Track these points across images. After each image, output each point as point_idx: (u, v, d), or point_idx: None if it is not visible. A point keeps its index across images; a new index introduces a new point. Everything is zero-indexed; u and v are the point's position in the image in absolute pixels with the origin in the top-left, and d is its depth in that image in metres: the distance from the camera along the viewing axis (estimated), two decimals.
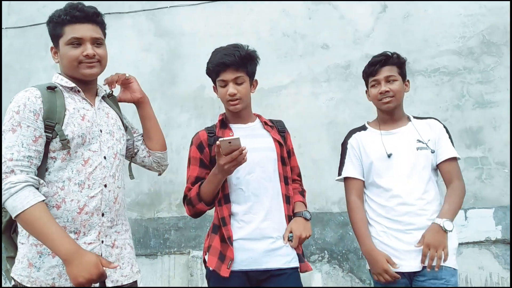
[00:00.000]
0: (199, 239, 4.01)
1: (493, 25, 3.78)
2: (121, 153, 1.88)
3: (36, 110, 1.65)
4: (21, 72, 4.56)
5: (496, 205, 3.56)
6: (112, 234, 1.79)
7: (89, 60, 1.76)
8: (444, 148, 2.18)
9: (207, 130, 2.14)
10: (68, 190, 1.67)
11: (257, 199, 2.00)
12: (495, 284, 3.50)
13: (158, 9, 4.41)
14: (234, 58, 1.99)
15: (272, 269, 1.96)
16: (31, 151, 1.61)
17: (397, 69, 2.22)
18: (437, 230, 2.01)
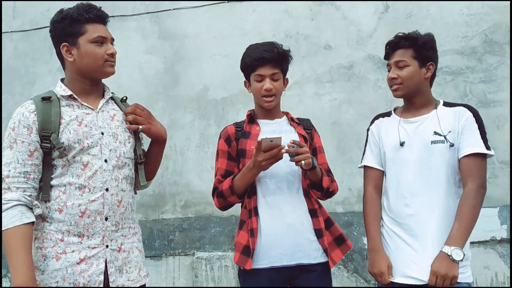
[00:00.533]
0: (203, 240, 4.02)
1: (496, 24, 3.77)
2: (126, 156, 1.85)
3: (30, 124, 1.69)
4: (26, 76, 4.58)
5: (501, 204, 3.55)
6: (118, 238, 1.79)
7: (112, 59, 1.83)
8: (467, 142, 1.89)
9: (235, 125, 2.19)
10: (69, 194, 1.69)
11: (282, 193, 2.03)
12: (500, 284, 3.49)
13: (162, 11, 4.42)
14: (273, 54, 2.03)
15: (304, 264, 1.98)
16: (27, 166, 1.67)
17: (412, 52, 1.97)
18: (445, 258, 1.79)
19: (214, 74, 4.24)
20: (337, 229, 2.10)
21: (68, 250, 1.68)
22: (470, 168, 1.87)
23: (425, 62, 1.99)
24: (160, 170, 4.12)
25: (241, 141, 2.13)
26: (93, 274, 1.70)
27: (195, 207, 4.10)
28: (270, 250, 1.97)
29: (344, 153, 3.91)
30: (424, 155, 1.94)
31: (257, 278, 1.98)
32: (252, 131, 2.14)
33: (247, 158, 2.08)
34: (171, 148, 4.21)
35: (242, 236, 2.03)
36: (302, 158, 1.88)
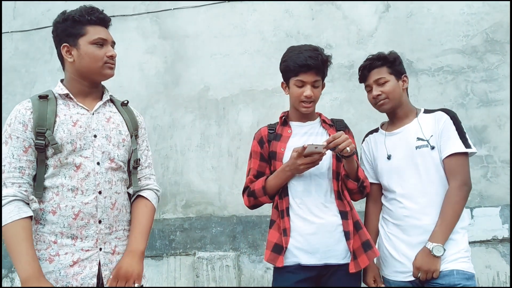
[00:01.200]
0: (204, 240, 4.01)
1: (497, 23, 3.76)
2: (120, 159, 1.83)
3: (25, 121, 1.70)
4: (27, 76, 4.58)
5: (502, 203, 3.55)
6: (111, 241, 1.78)
7: (112, 61, 1.84)
8: (446, 143, 2.03)
9: (268, 127, 2.24)
10: (62, 196, 1.69)
11: (310, 195, 2.06)
12: (502, 283, 3.48)
13: (162, 11, 4.42)
14: (318, 62, 2.04)
15: (331, 264, 2.01)
16: (22, 161, 1.67)
17: (387, 69, 2.15)
18: (427, 254, 1.94)
19: (215, 74, 4.24)
20: (365, 234, 2.09)
21: (61, 252, 1.68)
22: (451, 168, 2.01)
23: (400, 75, 2.18)
24: (161, 170, 4.15)
25: (273, 143, 2.17)
26: (86, 277, 1.69)
27: (196, 207, 4.10)
28: (298, 249, 2.02)
29: None
30: (411, 160, 2.07)
31: (287, 275, 2.03)
32: (283, 134, 2.18)
33: (277, 160, 2.13)
34: (171, 148, 4.21)
35: (273, 234, 2.09)
36: (345, 145, 1.90)
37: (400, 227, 2.08)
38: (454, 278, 1.92)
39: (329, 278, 2.02)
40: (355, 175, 2.08)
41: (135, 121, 1.97)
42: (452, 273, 1.93)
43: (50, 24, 1.87)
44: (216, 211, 3.99)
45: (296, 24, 4.16)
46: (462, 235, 2.01)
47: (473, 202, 3.58)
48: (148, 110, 4.28)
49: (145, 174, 1.98)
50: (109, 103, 1.94)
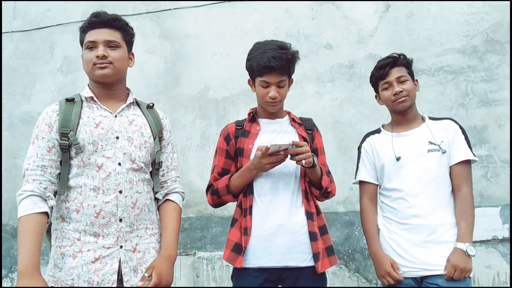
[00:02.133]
0: (204, 240, 4.02)
1: (497, 23, 3.76)
2: (141, 160, 1.88)
3: (51, 122, 1.80)
4: (27, 76, 4.59)
5: (503, 203, 3.55)
6: (133, 239, 1.83)
7: (100, 61, 1.84)
8: (457, 150, 2.13)
9: (236, 123, 2.19)
10: (85, 195, 1.77)
11: (277, 194, 2.02)
12: (502, 283, 3.48)
13: (162, 11, 4.43)
14: (282, 63, 1.98)
15: (291, 267, 1.96)
16: (45, 160, 1.76)
17: (406, 69, 2.22)
18: (461, 254, 1.99)
19: (215, 74, 4.24)
20: (330, 239, 2.09)
21: (84, 249, 1.75)
22: (463, 174, 2.11)
23: (413, 79, 2.26)
24: None
25: (240, 140, 2.12)
26: (107, 273, 1.74)
27: (196, 207, 4.10)
28: (258, 250, 1.97)
29: (345, 152, 3.90)
30: (423, 162, 2.12)
31: (246, 278, 1.97)
32: (252, 131, 2.13)
33: (244, 157, 2.08)
34: None
35: (234, 233, 2.03)
36: (302, 157, 1.89)
37: (405, 226, 2.10)
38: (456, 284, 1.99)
39: (293, 282, 1.96)
40: (318, 184, 2.06)
41: (160, 124, 2.02)
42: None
43: (50, 24, 1.89)
44: (216, 211, 3.99)
45: (296, 24, 4.17)
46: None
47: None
48: None
49: (171, 176, 2.05)
50: (134, 105, 2.00)
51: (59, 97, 4.44)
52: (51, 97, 4.46)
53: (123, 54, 1.93)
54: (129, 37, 2.01)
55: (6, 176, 4.46)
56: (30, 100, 4.51)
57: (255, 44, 2.11)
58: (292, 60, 2.03)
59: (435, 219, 2.06)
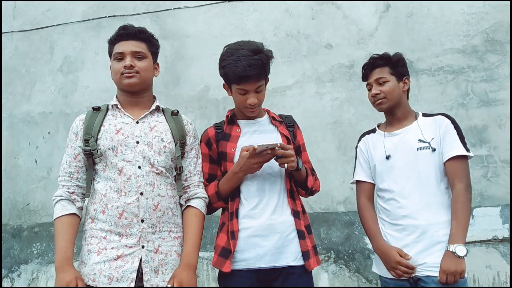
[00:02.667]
0: (204, 240, 3.97)
1: (497, 23, 3.76)
2: (161, 165, 1.95)
3: (77, 131, 1.97)
4: (27, 76, 4.58)
5: (503, 203, 3.55)
6: (155, 240, 1.90)
7: (127, 70, 1.96)
8: (448, 146, 2.07)
9: (215, 127, 2.16)
10: (109, 197, 1.88)
11: (264, 195, 2.01)
12: (502, 283, 3.48)
13: (162, 11, 4.42)
14: (258, 70, 1.93)
15: (281, 267, 1.95)
16: (72, 167, 1.94)
17: (389, 69, 2.19)
18: (451, 256, 1.94)
19: (215, 74, 4.14)
20: (313, 239, 2.09)
21: (108, 246, 1.85)
22: (456, 170, 2.05)
23: (401, 77, 2.21)
24: None
25: (221, 144, 2.10)
26: (127, 270, 1.83)
27: None
28: (247, 252, 1.96)
29: (345, 152, 3.90)
30: (412, 161, 2.10)
31: (236, 280, 1.95)
32: (232, 133, 2.11)
33: (227, 161, 2.06)
34: None
35: (221, 238, 2.03)
36: (286, 161, 1.90)
37: (397, 227, 2.09)
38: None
39: (282, 282, 1.96)
40: (303, 185, 2.07)
41: (183, 130, 2.07)
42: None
43: (50, 24, 1.91)
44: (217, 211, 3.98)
45: (297, 24, 4.16)
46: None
47: (473, 202, 3.55)
48: None
49: (193, 181, 2.07)
50: (158, 112, 2.08)
51: (59, 97, 4.44)
52: (51, 97, 4.46)
53: (149, 64, 2.06)
54: (154, 48, 2.17)
55: (6, 176, 4.46)
56: (30, 100, 4.51)
57: (226, 48, 2.05)
58: (267, 63, 1.99)
59: (426, 219, 2.03)
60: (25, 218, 4.34)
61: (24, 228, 4.32)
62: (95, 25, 4.48)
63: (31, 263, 4.23)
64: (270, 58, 2.02)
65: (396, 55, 2.23)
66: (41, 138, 4.44)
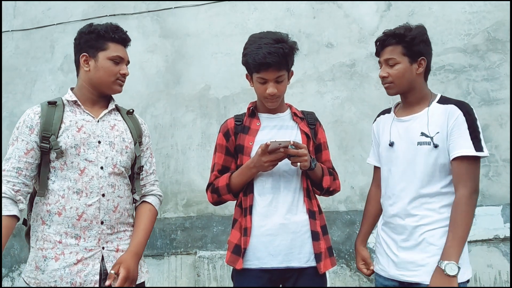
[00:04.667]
0: (205, 239, 4.01)
1: (498, 22, 3.76)
2: (122, 165, 1.91)
3: (32, 125, 1.82)
4: (27, 75, 4.58)
5: (504, 202, 3.54)
6: (114, 240, 1.88)
7: (123, 79, 1.96)
8: (455, 143, 1.79)
9: (235, 118, 2.12)
10: (67, 198, 1.79)
11: (278, 192, 1.96)
12: (504, 282, 3.48)
13: (163, 10, 4.41)
14: (278, 58, 1.87)
15: (294, 267, 1.93)
16: (21, 162, 1.78)
17: (401, 49, 1.90)
18: (440, 274, 1.72)
19: (216, 73, 4.23)
20: (329, 240, 2.05)
21: (66, 251, 1.78)
22: (460, 172, 1.79)
23: (416, 58, 1.92)
24: (162, 169, 4.15)
25: (240, 136, 2.06)
26: (89, 274, 1.78)
27: (197, 206, 4.09)
28: (260, 251, 1.92)
29: (346, 151, 3.90)
30: (410, 156, 1.89)
31: (248, 279, 1.93)
32: (252, 126, 2.06)
33: (244, 154, 2.02)
34: (172, 147, 4.20)
35: (234, 235, 1.99)
36: (298, 160, 1.86)
37: (389, 225, 1.97)
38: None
39: (294, 283, 1.92)
40: (318, 185, 2.03)
41: (139, 129, 2.05)
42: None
43: (50, 23, 1.91)
44: (217, 210, 3.98)
45: (297, 23, 4.16)
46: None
47: None
48: (149, 109, 4.27)
49: (149, 180, 2.07)
50: (114, 111, 2.03)
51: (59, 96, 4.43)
52: (52, 96, 4.45)
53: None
54: None
55: None
56: (30, 99, 4.50)
57: (250, 37, 2.00)
58: (289, 53, 1.92)
59: (414, 220, 1.86)
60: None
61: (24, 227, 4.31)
62: None
63: None
64: (293, 49, 1.96)
65: (415, 30, 1.93)
66: None
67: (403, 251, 1.88)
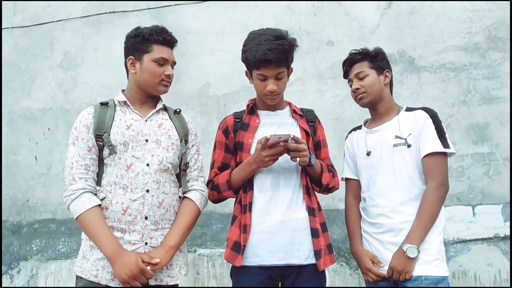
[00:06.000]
0: (205, 237, 4.01)
1: (499, 20, 3.75)
2: (169, 161, 1.97)
3: (88, 124, 1.92)
4: (27, 72, 4.57)
5: (504, 201, 3.54)
6: (158, 237, 1.92)
7: (168, 79, 2.03)
8: (424, 143, 2.01)
9: (234, 115, 2.13)
10: (114, 193, 1.87)
11: (278, 189, 1.97)
12: (504, 281, 3.48)
13: (163, 7, 4.40)
14: (278, 55, 1.89)
15: (293, 265, 1.92)
16: (87, 159, 1.88)
17: (368, 63, 2.16)
18: (401, 255, 1.92)
19: (216, 70, 4.22)
20: (329, 237, 2.05)
21: None
22: (429, 168, 1.99)
23: (382, 70, 2.17)
24: None
25: (239, 133, 2.07)
26: None
27: None
28: (259, 248, 1.93)
29: None
30: (388, 158, 2.07)
31: (247, 276, 1.93)
32: (251, 123, 2.07)
33: (244, 151, 2.03)
34: None
35: (233, 232, 1.99)
36: (298, 155, 1.86)
37: (374, 226, 2.07)
38: (422, 283, 1.91)
39: (294, 280, 1.93)
40: (317, 181, 2.04)
41: (186, 127, 2.12)
42: (421, 278, 1.92)
43: (50, 20, 1.89)
44: (217, 208, 3.98)
45: (298, 20, 4.15)
46: (436, 236, 1.97)
47: (475, 200, 3.58)
48: None
49: (193, 176, 2.12)
50: (162, 111, 2.11)
51: (59, 93, 4.43)
52: (51, 93, 4.45)
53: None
54: None
55: (6, 173, 4.45)
56: (30, 96, 4.50)
57: (250, 34, 2.01)
58: (289, 50, 1.95)
59: (400, 217, 1.99)
60: (24, 215, 4.33)
61: (24, 224, 4.31)
62: (95, 21, 4.45)
63: (31, 259, 4.23)
64: (293, 46, 1.98)
65: (375, 49, 2.21)
66: (41, 135, 4.43)
67: (392, 247, 1.99)
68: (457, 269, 3.53)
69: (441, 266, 1.95)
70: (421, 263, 1.92)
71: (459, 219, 3.55)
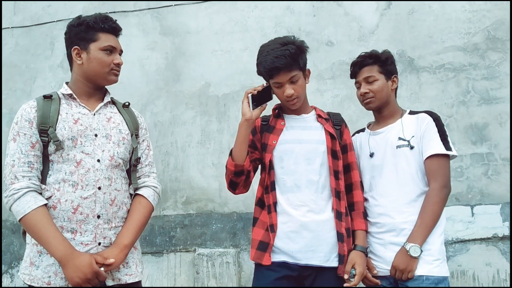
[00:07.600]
0: (204, 237, 4.02)
1: (498, 20, 3.75)
2: (120, 156, 1.89)
3: (30, 118, 1.79)
4: (27, 72, 4.58)
5: (503, 201, 3.54)
6: (111, 236, 1.83)
7: (117, 68, 1.94)
8: (427, 145, 2.04)
9: (262, 118, 2.17)
10: (63, 191, 1.76)
11: (300, 191, 1.98)
12: (502, 281, 3.48)
13: (163, 7, 4.41)
14: (286, 60, 1.93)
15: (313, 266, 1.94)
16: (30, 156, 1.75)
17: (378, 68, 2.17)
18: (404, 254, 1.94)
19: (216, 70, 4.23)
20: (350, 244, 2.04)
21: None
22: (432, 169, 2.02)
23: (390, 75, 2.19)
24: (161, 167, 4.15)
25: (265, 135, 2.11)
26: None
27: (197, 203, 4.09)
28: (281, 248, 1.95)
29: None
30: (391, 159, 2.09)
31: (267, 273, 1.96)
32: (276, 126, 2.11)
33: (267, 152, 2.06)
34: (172, 144, 4.20)
35: (257, 232, 2.01)
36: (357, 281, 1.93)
37: (375, 225, 2.08)
38: (423, 283, 1.93)
39: (313, 281, 1.94)
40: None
41: (136, 121, 2.04)
42: (422, 278, 1.93)
43: (50, 20, 1.90)
44: (216, 208, 3.99)
45: (298, 21, 4.16)
46: (437, 237, 1.99)
47: (473, 200, 3.58)
48: (148, 107, 4.27)
49: (144, 172, 2.04)
50: (110, 104, 2.01)
51: None
52: None
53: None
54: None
55: None
56: (30, 96, 4.50)
57: (260, 47, 2.08)
58: (297, 53, 1.97)
59: (402, 217, 2.01)
60: None
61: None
62: None
63: None
64: (301, 48, 2.02)
65: (385, 53, 2.21)
66: None
67: (393, 246, 2.00)
68: (456, 269, 3.54)
69: (442, 266, 1.97)
70: (422, 263, 1.94)
71: (458, 219, 3.56)
